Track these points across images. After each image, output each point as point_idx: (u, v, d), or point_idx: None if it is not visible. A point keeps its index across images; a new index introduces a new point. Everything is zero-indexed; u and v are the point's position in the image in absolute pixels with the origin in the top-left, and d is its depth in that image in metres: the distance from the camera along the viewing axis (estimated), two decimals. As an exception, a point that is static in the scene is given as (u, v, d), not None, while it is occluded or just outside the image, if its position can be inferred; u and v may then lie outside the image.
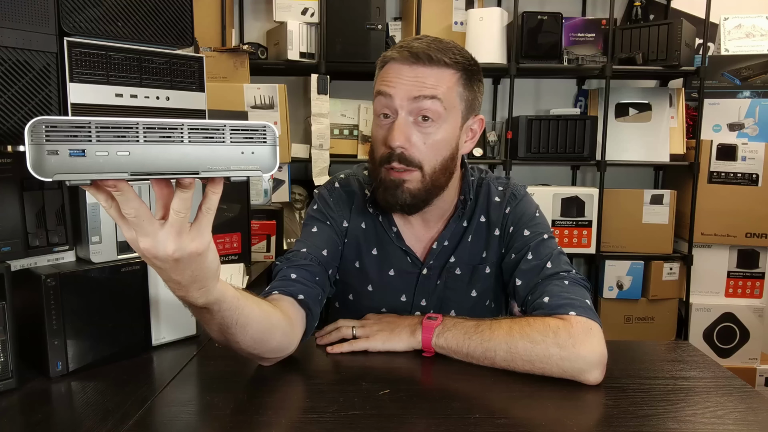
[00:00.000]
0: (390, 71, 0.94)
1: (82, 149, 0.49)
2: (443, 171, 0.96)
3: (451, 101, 0.94)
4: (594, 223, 2.34)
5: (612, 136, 2.37)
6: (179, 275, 0.63)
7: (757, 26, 2.52)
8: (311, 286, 0.94)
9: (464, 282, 1.06)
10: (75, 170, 0.49)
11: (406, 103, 0.92)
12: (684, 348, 0.98)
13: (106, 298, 0.87)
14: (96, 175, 0.50)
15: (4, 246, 0.80)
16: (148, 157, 0.51)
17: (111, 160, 0.50)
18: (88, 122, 0.48)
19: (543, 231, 1.02)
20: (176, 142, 0.52)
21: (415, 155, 0.93)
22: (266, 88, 2.14)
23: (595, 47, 2.40)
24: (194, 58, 0.97)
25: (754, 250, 2.44)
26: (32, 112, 0.81)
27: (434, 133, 0.93)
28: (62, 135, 0.48)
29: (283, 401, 0.78)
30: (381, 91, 0.94)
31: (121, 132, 0.50)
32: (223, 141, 0.54)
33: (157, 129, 0.51)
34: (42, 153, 0.47)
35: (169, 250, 0.59)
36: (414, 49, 0.92)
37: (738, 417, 0.73)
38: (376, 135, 0.98)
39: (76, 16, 0.84)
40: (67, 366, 0.84)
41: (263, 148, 0.56)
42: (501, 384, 0.82)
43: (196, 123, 0.53)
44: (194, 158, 0.53)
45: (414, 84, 0.92)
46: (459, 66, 0.94)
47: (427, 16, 2.32)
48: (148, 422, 0.71)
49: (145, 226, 0.57)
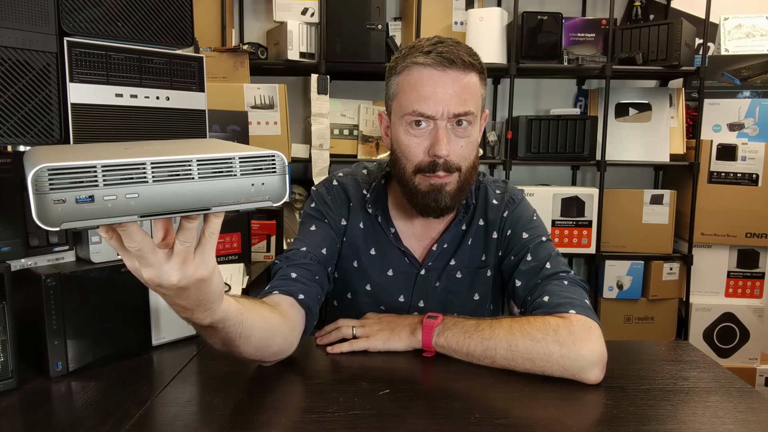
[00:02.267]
0: (424, 82, 0.92)
1: (90, 195, 0.46)
2: (473, 168, 0.99)
3: (478, 105, 0.97)
4: (594, 223, 2.34)
5: (612, 136, 2.37)
6: (184, 301, 0.62)
7: (757, 26, 2.52)
8: (311, 285, 0.95)
9: (466, 286, 1.07)
10: (83, 217, 0.46)
11: (446, 118, 0.93)
12: (684, 348, 0.98)
13: (106, 298, 0.87)
14: (105, 220, 0.47)
15: (4, 246, 0.80)
16: (158, 197, 0.49)
17: (119, 204, 0.47)
18: (94, 166, 0.46)
19: (541, 234, 1.03)
20: (186, 179, 0.50)
21: (456, 160, 0.95)
22: (266, 88, 2.14)
23: (595, 47, 2.40)
24: (194, 58, 0.97)
25: (754, 250, 2.44)
26: (32, 111, 0.81)
27: (468, 137, 0.96)
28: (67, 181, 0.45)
29: (283, 401, 0.78)
30: (420, 112, 0.93)
31: (128, 173, 0.47)
32: (233, 174, 0.52)
33: (166, 166, 0.49)
34: (48, 203, 0.44)
35: (174, 280, 0.57)
36: (444, 53, 0.91)
37: (738, 417, 0.73)
38: (410, 144, 0.95)
39: (76, 16, 0.84)
40: (67, 366, 0.84)
41: (273, 177, 0.54)
42: (501, 384, 0.82)
43: (206, 158, 0.51)
44: (205, 194, 0.51)
45: (452, 99, 0.92)
46: (479, 68, 0.96)
47: (427, 16, 2.32)
48: (148, 422, 0.71)
49: (148, 258, 0.56)
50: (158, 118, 0.93)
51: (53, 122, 0.84)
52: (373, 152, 2.36)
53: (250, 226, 1.83)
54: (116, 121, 0.88)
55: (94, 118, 0.86)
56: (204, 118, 0.99)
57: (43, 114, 0.82)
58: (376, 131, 2.37)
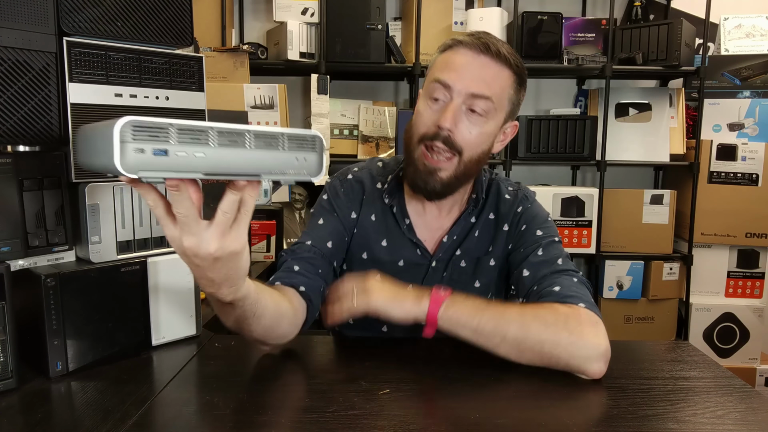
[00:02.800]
0: (457, 55, 0.96)
1: (165, 149, 0.52)
2: (477, 162, 0.99)
3: (501, 102, 0.97)
4: (594, 223, 2.34)
5: (612, 136, 2.37)
6: (215, 273, 0.66)
7: (757, 26, 2.52)
8: (313, 278, 0.97)
9: (468, 274, 1.08)
10: (157, 168, 0.52)
11: (464, 95, 0.95)
12: (684, 348, 0.98)
13: (106, 298, 0.87)
14: (174, 174, 0.54)
15: (4, 246, 0.80)
16: (219, 159, 0.55)
17: (188, 160, 0.54)
18: (169, 124, 0.52)
19: (554, 235, 1.05)
20: (242, 146, 0.57)
21: (459, 141, 0.96)
22: (266, 88, 2.14)
23: (595, 47, 2.40)
24: (194, 58, 0.97)
25: (754, 250, 2.44)
26: (32, 111, 0.81)
27: (480, 126, 0.97)
28: (147, 134, 0.51)
29: (283, 401, 0.78)
30: (441, 79, 0.96)
31: (196, 134, 0.54)
32: (281, 147, 0.59)
33: (226, 133, 0.55)
34: (129, 151, 0.50)
35: (212, 249, 0.62)
36: (484, 39, 0.96)
37: (738, 417, 0.73)
38: (423, 113, 0.98)
39: (75, 16, 0.84)
40: (67, 366, 0.84)
41: (312, 154, 0.62)
42: (501, 384, 0.82)
43: (259, 130, 0.57)
44: (257, 162, 0.58)
45: (474, 78, 0.94)
46: (517, 70, 0.98)
47: (427, 16, 2.32)
48: (148, 422, 0.71)
49: (192, 226, 0.60)
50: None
51: (53, 122, 0.83)
52: (373, 152, 2.36)
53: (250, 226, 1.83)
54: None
55: (93, 118, 0.86)
56: (204, 118, 0.99)
57: (43, 114, 0.82)
58: (376, 131, 2.37)
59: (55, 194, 0.86)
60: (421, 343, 0.98)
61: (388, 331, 1.08)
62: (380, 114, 2.37)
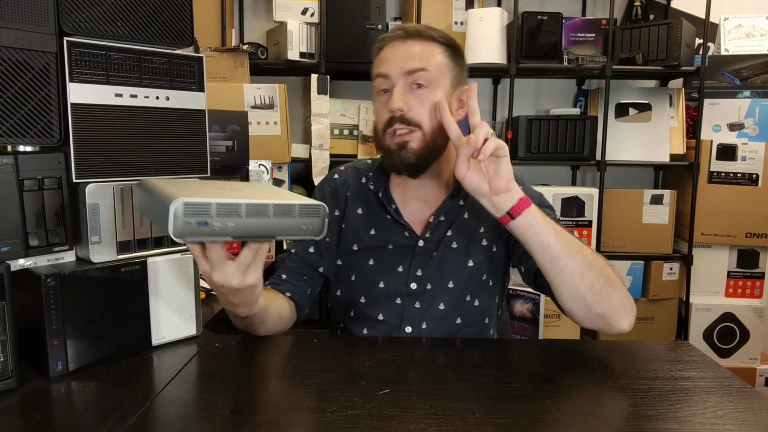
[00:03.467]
0: (385, 51, 1.05)
1: (206, 221, 0.67)
2: (441, 131, 1.02)
3: (440, 71, 1.03)
4: (594, 223, 2.34)
5: (612, 136, 2.37)
6: (235, 299, 0.85)
7: (757, 26, 2.52)
8: (298, 284, 1.12)
9: (461, 254, 1.10)
10: (198, 234, 0.68)
11: (402, 76, 1.02)
12: (684, 348, 0.98)
13: (105, 298, 0.87)
14: (211, 238, 0.69)
15: (4, 246, 0.80)
16: (246, 227, 0.70)
17: (222, 228, 0.69)
18: (210, 203, 0.67)
19: (550, 213, 1.08)
20: (265, 216, 0.71)
21: (414, 116, 1.02)
22: (266, 88, 2.14)
23: (595, 47, 2.40)
24: (194, 58, 0.97)
25: (754, 250, 2.44)
26: (32, 111, 0.81)
27: (429, 97, 1.02)
28: (194, 211, 0.66)
29: (283, 401, 0.78)
30: (379, 72, 1.05)
31: (230, 209, 0.69)
32: (294, 216, 0.73)
33: (254, 207, 0.70)
34: (181, 223, 0.66)
35: (234, 283, 0.79)
36: (405, 28, 1.05)
37: (738, 417, 0.73)
38: (377, 108, 1.08)
39: (75, 15, 0.84)
40: (67, 366, 0.84)
41: (317, 219, 0.75)
42: (501, 384, 0.82)
43: (278, 203, 0.72)
44: (275, 227, 0.73)
45: (406, 57, 1.02)
46: (444, 42, 1.05)
47: (427, 16, 2.32)
48: (148, 422, 0.71)
49: (220, 265, 0.78)
50: (158, 118, 0.93)
51: (53, 122, 0.84)
52: (373, 152, 2.36)
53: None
54: (116, 121, 0.88)
55: (93, 118, 0.86)
56: (204, 118, 0.99)
57: (43, 114, 0.82)
58: (376, 131, 2.37)
59: (55, 194, 0.86)
60: (420, 344, 0.98)
61: (384, 319, 1.09)
62: (380, 114, 2.37)
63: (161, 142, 0.94)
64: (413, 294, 1.08)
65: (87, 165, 0.86)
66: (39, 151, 0.85)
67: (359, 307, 1.11)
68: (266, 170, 2.00)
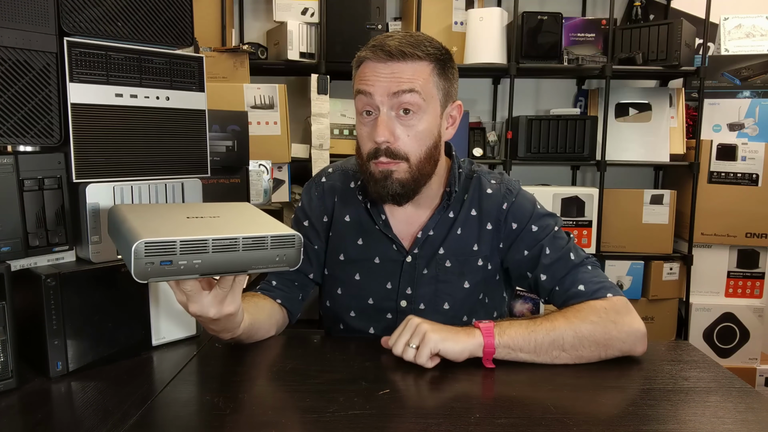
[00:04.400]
0: (366, 70, 0.96)
1: (170, 260, 0.65)
2: (428, 159, 0.99)
3: (428, 92, 0.96)
4: (594, 223, 2.34)
5: (612, 136, 2.37)
6: (215, 327, 0.84)
7: (757, 26, 2.52)
8: (288, 290, 1.08)
9: (455, 274, 1.06)
10: (163, 274, 0.66)
11: (387, 99, 0.94)
12: (684, 348, 0.98)
13: (106, 298, 0.87)
14: (176, 277, 0.67)
15: (4, 246, 0.80)
16: (214, 262, 0.68)
17: (188, 266, 0.66)
18: (174, 241, 0.65)
19: (552, 223, 1.04)
20: (234, 250, 0.68)
21: (401, 148, 0.96)
22: (266, 88, 2.14)
23: (595, 47, 2.40)
24: (194, 58, 0.97)
25: (754, 250, 2.44)
26: (32, 111, 0.81)
27: (417, 125, 0.96)
28: (156, 250, 0.64)
29: (283, 401, 0.78)
30: (361, 90, 0.97)
31: (196, 246, 0.66)
32: (265, 248, 0.71)
33: (221, 241, 0.67)
34: (142, 265, 0.64)
35: (211, 314, 0.78)
36: (387, 47, 0.94)
37: (738, 417, 0.73)
38: (360, 132, 1.00)
39: (76, 16, 0.84)
40: (67, 366, 0.84)
41: (292, 250, 0.73)
42: (501, 384, 0.82)
43: (249, 236, 0.69)
44: (245, 261, 0.70)
45: (392, 80, 0.94)
46: (432, 57, 0.96)
47: (427, 16, 2.32)
48: (148, 422, 0.71)
49: (195, 297, 0.77)
50: (158, 118, 0.93)
51: (53, 122, 0.84)
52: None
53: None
54: (116, 121, 0.88)
55: (94, 118, 0.86)
56: (204, 118, 0.99)
57: (43, 114, 0.83)
58: (376, 131, 2.36)
59: (55, 194, 0.86)
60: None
61: (375, 333, 1.08)
62: (380, 114, 2.37)
63: (161, 142, 0.94)
64: (404, 311, 1.04)
65: (87, 165, 0.86)
66: (39, 151, 0.85)
67: (348, 321, 1.09)
68: (266, 170, 2.00)
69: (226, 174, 1.73)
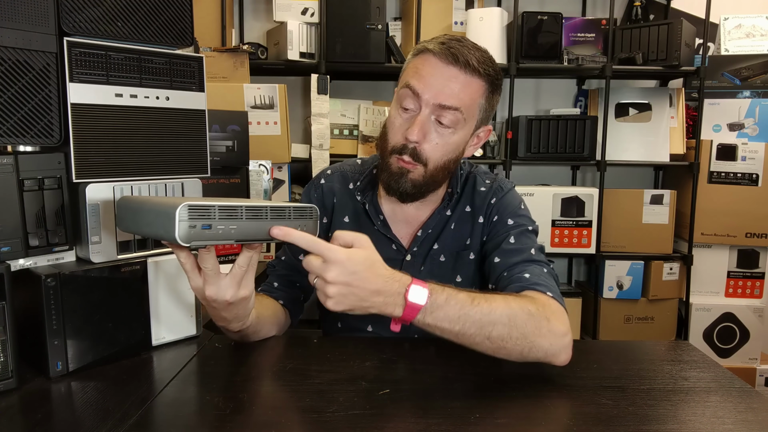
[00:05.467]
0: (426, 64, 0.96)
1: (209, 224, 0.69)
2: (444, 170, 1.01)
3: (471, 112, 0.98)
4: (594, 223, 2.34)
5: (612, 136, 2.37)
6: (228, 314, 0.83)
7: (757, 26, 2.52)
8: (290, 291, 1.10)
9: (448, 269, 1.08)
10: (203, 238, 0.68)
11: (432, 105, 0.95)
12: (684, 348, 0.98)
13: (106, 298, 0.87)
14: (215, 241, 0.70)
15: (4, 246, 0.80)
16: (245, 229, 0.72)
17: (225, 231, 0.70)
18: (213, 206, 0.69)
19: (527, 224, 1.06)
20: (262, 219, 0.73)
21: (425, 151, 0.98)
22: (266, 88, 2.14)
23: (595, 47, 2.40)
24: (194, 58, 0.97)
25: (754, 250, 2.44)
26: (32, 111, 0.81)
27: (449, 138, 0.98)
28: (197, 214, 0.67)
29: (283, 401, 0.78)
30: (411, 85, 0.96)
31: (231, 212, 0.70)
32: (289, 217, 0.76)
33: (252, 209, 0.72)
34: (186, 227, 0.67)
35: (228, 296, 0.78)
36: (454, 49, 0.94)
37: (738, 417, 0.73)
38: (393, 122, 1.00)
39: (75, 16, 0.84)
40: (67, 366, 0.84)
41: (310, 221, 0.79)
42: (501, 384, 0.82)
43: (273, 205, 0.75)
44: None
45: (443, 88, 0.94)
46: (488, 78, 0.98)
47: (427, 16, 2.32)
48: (148, 422, 0.71)
49: (213, 279, 0.77)
50: (158, 118, 0.93)
51: (53, 122, 0.84)
52: (373, 152, 2.36)
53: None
54: (116, 121, 0.88)
55: (94, 118, 0.86)
56: (204, 118, 0.99)
57: (43, 114, 0.82)
58: (376, 131, 2.37)
59: (55, 194, 0.86)
60: (420, 343, 0.98)
61: (374, 331, 1.08)
62: (380, 114, 2.37)
63: (161, 142, 0.94)
64: None
65: (87, 165, 0.86)
66: (39, 151, 0.85)
67: (346, 319, 1.10)
68: (266, 170, 2.00)
69: (226, 174, 1.73)
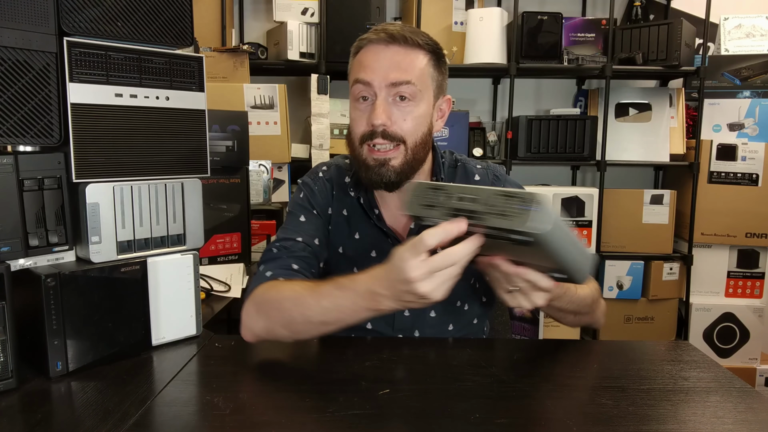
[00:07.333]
0: (367, 54, 1.00)
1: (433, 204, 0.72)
2: (423, 145, 1.01)
3: (424, 82, 0.99)
4: (594, 223, 2.34)
5: (612, 136, 2.37)
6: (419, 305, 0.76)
7: (757, 26, 2.52)
8: (310, 278, 1.01)
9: None
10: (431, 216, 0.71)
11: (384, 87, 0.97)
12: (684, 348, 0.98)
13: (106, 298, 0.87)
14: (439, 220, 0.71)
15: (4, 246, 0.80)
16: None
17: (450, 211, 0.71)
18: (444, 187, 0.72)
19: None
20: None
21: (398, 131, 0.98)
22: (266, 88, 2.14)
23: (595, 47, 2.40)
24: (194, 58, 0.97)
25: (754, 250, 2.44)
26: (32, 111, 0.81)
27: (413, 110, 0.98)
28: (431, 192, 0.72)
29: (283, 401, 0.78)
30: (360, 78, 1.00)
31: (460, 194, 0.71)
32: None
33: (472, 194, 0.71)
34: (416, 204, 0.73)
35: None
36: (389, 30, 0.98)
37: (738, 417, 0.73)
38: (355, 116, 1.03)
39: (75, 15, 0.84)
40: (67, 366, 0.84)
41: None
42: (501, 384, 0.82)
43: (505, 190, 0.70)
44: None
45: (390, 67, 0.97)
46: (429, 47, 1.00)
47: (427, 16, 2.32)
48: (148, 422, 0.71)
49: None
50: (158, 118, 0.93)
51: (53, 122, 0.84)
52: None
53: (250, 226, 1.83)
54: (116, 121, 0.88)
55: (93, 118, 0.86)
56: (204, 118, 0.99)
57: (43, 114, 0.83)
58: (376, 131, 2.37)
59: (55, 194, 0.86)
60: (420, 343, 0.98)
61: (373, 328, 1.08)
62: (380, 114, 2.37)
63: (161, 142, 0.94)
64: None
65: (87, 165, 0.86)
66: (39, 151, 0.85)
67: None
68: (266, 170, 2.00)
69: (226, 174, 1.73)
